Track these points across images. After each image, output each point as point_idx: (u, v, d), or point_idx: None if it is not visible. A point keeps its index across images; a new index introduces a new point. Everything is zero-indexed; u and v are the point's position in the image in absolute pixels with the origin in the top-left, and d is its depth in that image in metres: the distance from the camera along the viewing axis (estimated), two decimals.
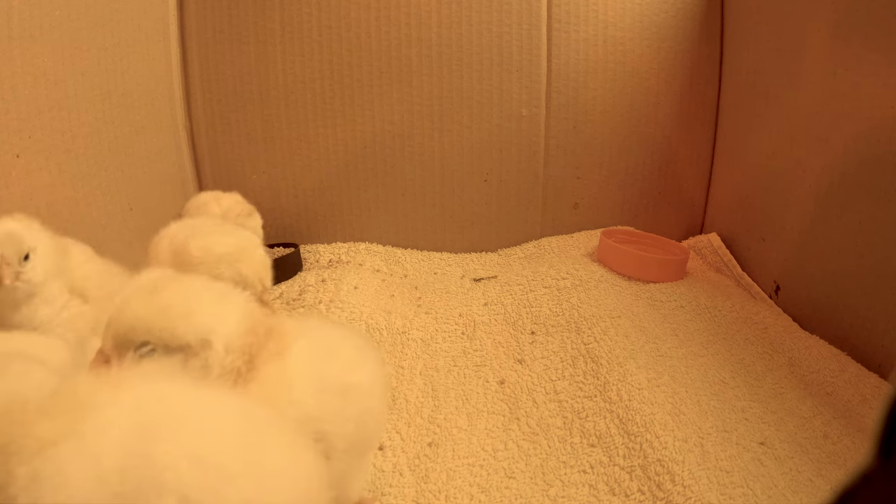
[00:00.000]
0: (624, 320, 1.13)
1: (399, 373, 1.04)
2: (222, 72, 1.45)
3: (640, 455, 0.81)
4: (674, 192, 1.56)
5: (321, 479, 0.47)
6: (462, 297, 1.30)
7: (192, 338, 0.53)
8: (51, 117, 1.02)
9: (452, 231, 1.55)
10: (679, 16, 1.44)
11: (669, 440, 0.83)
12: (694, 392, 0.94)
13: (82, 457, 0.38)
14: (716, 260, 1.44)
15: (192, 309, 0.54)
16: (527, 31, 1.42)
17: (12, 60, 0.93)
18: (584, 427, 0.89)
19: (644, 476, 0.79)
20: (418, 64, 1.43)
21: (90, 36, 1.10)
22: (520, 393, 0.98)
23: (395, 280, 1.41)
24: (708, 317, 1.18)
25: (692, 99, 1.49)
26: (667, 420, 0.86)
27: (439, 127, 1.47)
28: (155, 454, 0.39)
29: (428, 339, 1.14)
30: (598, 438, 0.86)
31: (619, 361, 1.01)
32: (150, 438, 0.40)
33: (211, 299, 0.56)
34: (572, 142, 1.49)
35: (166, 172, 1.39)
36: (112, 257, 1.14)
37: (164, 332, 0.52)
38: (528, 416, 0.93)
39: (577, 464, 0.83)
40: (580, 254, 1.44)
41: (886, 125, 0.96)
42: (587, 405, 0.93)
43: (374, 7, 1.40)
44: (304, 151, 1.49)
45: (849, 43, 1.04)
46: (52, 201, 1.02)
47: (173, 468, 0.39)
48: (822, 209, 1.12)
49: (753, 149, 1.36)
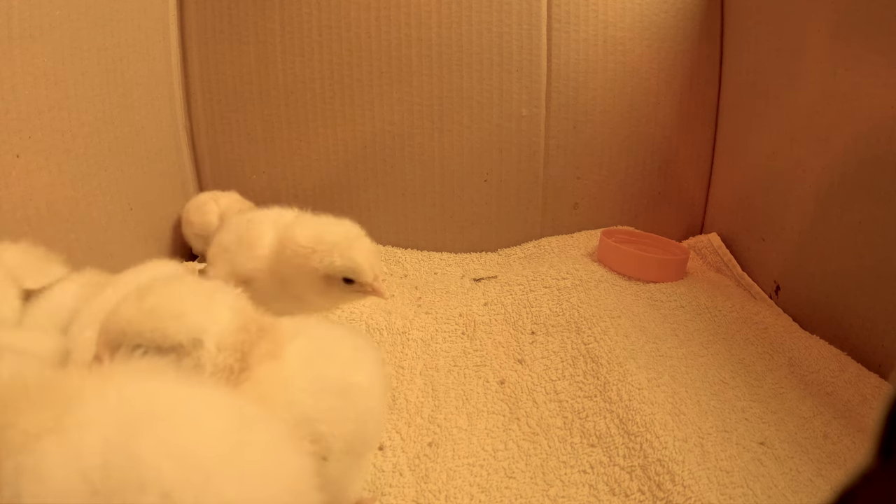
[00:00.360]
0: (624, 320, 1.13)
1: (399, 373, 1.04)
2: (222, 72, 1.45)
3: (640, 455, 0.81)
4: (674, 192, 1.56)
5: (309, 480, 0.47)
6: (462, 297, 1.30)
7: (184, 337, 0.53)
8: (51, 117, 1.02)
9: (452, 231, 1.55)
10: (679, 16, 1.44)
11: (669, 440, 0.83)
12: (694, 392, 0.94)
13: (64, 451, 0.38)
14: (716, 260, 1.44)
15: (183, 310, 0.54)
16: (527, 31, 1.42)
17: (12, 60, 0.93)
18: (585, 427, 0.89)
19: (644, 476, 0.79)
20: (418, 64, 1.43)
21: (90, 36, 1.10)
22: (520, 393, 0.98)
23: (395, 280, 1.41)
24: (708, 317, 1.18)
25: (692, 99, 1.49)
26: (667, 420, 0.86)
27: (439, 127, 1.47)
28: (137, 450, 0.39)
29: (428, 339, 1.14)
30: (598, 438, 0.86)
31: (619, 361, 1.01)
32: (132, 434, 0.40)
33: (200, 299, 0.56)
34: (572, 142, 1.49)
35: (166, 172, 1.39)
36: (112, 257, 1.14)
37: (156, 334, 0.52)
38: (528, 416, 0.93)
39: (577, 464, 0.83)
40: (580, 254, 1.44)
41: (886, 125, 0.96)
42: (587, 405, 0.93)
43: (374, 7, 1.40)
44: (304, 151, 1.49)
45: (849, 43, 1.04)
46: (52, 201, 1.02)
47: (155, 465, 0.38)
48: (822, 209, 1.12)
49: (753, 149, 1.36)
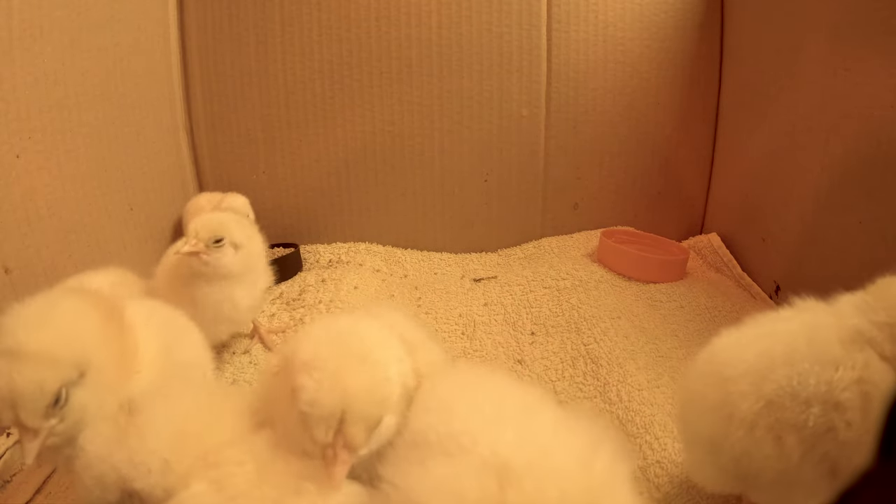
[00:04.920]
0: (624, 321, 1.13)
1: None
2: (222, 72, 1.45)
3: (639, 456, 0.81)
4: (674, 192, 1.56)
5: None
6: (462, 297, 1.30)
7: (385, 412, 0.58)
8: (51, 117, 1.02)
9: (452, 231, 1.55)
10: (679, 16, 1.44)
11: (669, 442, 0.83)
12: None
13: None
14: (716, 260, 1.44)
15: (385, 395, 0.58)
16: (527, 31, 1.42)
17: (12, 60, 0.93)
18: None
19: (643, 478, 0.79)
20: (418, 64, 1.43)
21: (90, 36, 1.10)
22: None
23: (395, 280, 1.41)
24: (708, 317, 1.18)
25: (692, 99, 1.49)
26: (666, 421, 0.86)
27: (439, 127, 1.47)
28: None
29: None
30: None
31: (618, 362, 1.01)
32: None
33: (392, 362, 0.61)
34: (572, 142, 1.49)
35: (166, 172, 1.39)
36: (112, 257, 1.14)
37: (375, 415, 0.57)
38: None
39: None
40: (580, 254, 1.44)
41: (886, 125, 0.95)
42: (587, 406, 0.93)
43: (374, 7, 1.40)
44: (304, 151, 1.49)
45: (849, 43, 1.04)
46: (52, 201, 1.02)
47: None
48: (822, 209, 1.12)
49: (753, 149, 1.36)
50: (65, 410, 0.58)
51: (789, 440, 0.56)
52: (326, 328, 0.61)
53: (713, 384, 0.62)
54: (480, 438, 0.52)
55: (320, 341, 0.58)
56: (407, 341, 0.65)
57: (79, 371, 0.59)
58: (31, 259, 0.96)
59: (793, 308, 0.66)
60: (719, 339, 0.66)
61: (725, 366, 0.61)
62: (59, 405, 0.57)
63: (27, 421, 0.56)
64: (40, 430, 0.57)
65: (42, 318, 0.60)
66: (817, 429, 0.55)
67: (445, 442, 0.54)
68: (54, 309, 0.61)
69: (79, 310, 0.62)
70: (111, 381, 0.62)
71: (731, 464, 0.60)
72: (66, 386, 0.57)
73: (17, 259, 0.94)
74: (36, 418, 0.56)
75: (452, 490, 0.49)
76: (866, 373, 0.56)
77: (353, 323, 0.62)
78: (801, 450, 0.56)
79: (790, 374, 0.57)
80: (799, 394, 0.56)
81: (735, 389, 0.59)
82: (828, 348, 0.58)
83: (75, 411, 0.58)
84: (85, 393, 0.59)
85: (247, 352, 1.11)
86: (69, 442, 0.60)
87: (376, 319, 0.67)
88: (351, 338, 0.59)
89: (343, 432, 0.54)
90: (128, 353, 0.65)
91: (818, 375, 0.56)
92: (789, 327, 0.62)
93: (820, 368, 0.57)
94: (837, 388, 0.55)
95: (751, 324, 0.65)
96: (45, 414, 0.57)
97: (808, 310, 0.65)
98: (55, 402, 0.57)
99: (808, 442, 0.56)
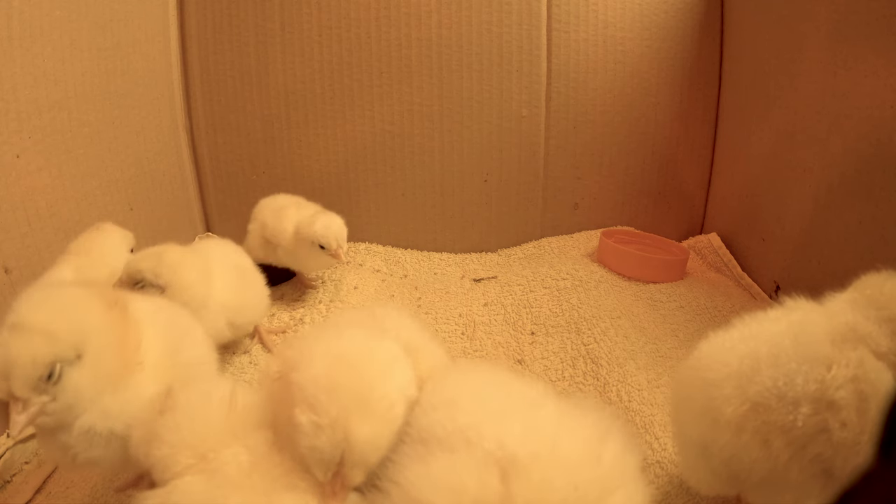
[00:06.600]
0: (624, 321, 1.13)
1: None
2: (222, 72, 1.45)
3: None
4: (674, 192, 1.56)
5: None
6: (462, 297, 1.30)
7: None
8: (51, 117, 1.02)
9: (452, 231, 1.55)
10: (679, 16, 1.44)
11: (669, 442, 0.83)
12: None
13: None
14: (716, 260, 1.44)
15: (387, 437, 0.57)
16: (527, 31, 1.42)
17: (12, 60, 0.93)
18: None
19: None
20: (418, 64, 1.43)
21: (90, 36, 1.10)
22: None
23: (395, 280, 1.41)
24: (708, 317, 1.18)
25: (692, 99, 1.49)
26: (666, 421, 0.86)
27: (439, 127, 1.47)
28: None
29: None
30: None
31: (618, 362, 1.01)
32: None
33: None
34: (572, 142, 1.49)
35: (166, 172, 1.39)
36: None
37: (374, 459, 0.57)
38: None
39: None
40: (580, 254, 1.44)
41: (886, 125, 0.95)
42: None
43: (374, 7, 1.40)
44: (304, 151, 1.49)
45: (849, 43, 1.04)
46: (52, 201, 1.02)
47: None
48: (822, 209, 1.12)
49: (753, 149, 1.36)
50: (57, 388, 0.58)
51: (777, 442, 0.56)
52: (328, 351, 0.59)
53: (698, 388, 0.62)
54: (487, 432, 0.52)
55: (320, 373, 0.56)
56: (410, 347, 0.65)
57: (75, 351, 0.59)
58: (31, 259, 0.96)
59: (782, 308, 0.65)
60: (706, 342, 0.65)
61: (709, 370, 0.61)
62: (52, 381, 0.58)
63: (17, 390, 0.57)
64: (29, 402, 0.57)
65: (46, 300, 0.62)
66: (808, 429, 0.54)
67: (452, 437, 0.54)
68: (59, 293, 0.64)
69: (82, 296, 0.64)
70: (109, 369, 0.62)
71: (721, 467, 0.60)
72: (61, 363, 0.58)
73: (17, 259, 0.94)
74: (25, 388, 0.57)
75: (452, 485, 0.49)
76: (861, 371, 0.55)
77: (358, 346, 0.60)
78: (789, 451, 0.55)
79: (775, 376, 0.56)
80: (786, 394, 0.55)
81: (719, 394, 0.59)
82: (816, 347, 0.57)
83: (68, 392, 0.59)
84: (80, 375, 0.59)
85: (247, 352, 1.11)
86: (63, 427, 0.60)
87: (380, 328, 0.66)
88: (353, 372, 0.57)
89: (341, 473, 0.54)
90: (129, 346, 0.65)
91: (806, 375, 0.55)
92: (776, 328, 0.61)
93: (808, 367, 0.56)
94: (831, 387, 0.54)
95: (738, 325, 0.64)
96: (37, 387, 0.57)
97: (796, 309, 0.64)
98: (48, 377, 0.57)
99: (797, 443, 0.55)
